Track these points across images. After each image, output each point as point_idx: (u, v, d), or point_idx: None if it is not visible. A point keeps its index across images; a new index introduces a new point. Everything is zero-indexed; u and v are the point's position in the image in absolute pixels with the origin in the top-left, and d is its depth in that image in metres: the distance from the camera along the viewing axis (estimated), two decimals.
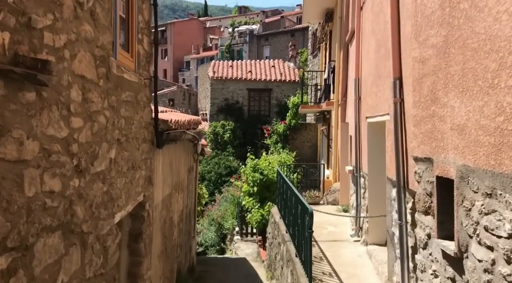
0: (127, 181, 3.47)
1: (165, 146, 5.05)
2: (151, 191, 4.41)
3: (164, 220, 5.26)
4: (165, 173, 5.21)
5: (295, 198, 6.29)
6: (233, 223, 15.41)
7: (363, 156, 6.76)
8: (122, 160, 3.28)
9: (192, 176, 8.38)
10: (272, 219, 9.30)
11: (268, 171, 12.53)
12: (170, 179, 5.67)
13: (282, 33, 46.72)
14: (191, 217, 8.49)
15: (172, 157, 5.80)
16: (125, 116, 3.33)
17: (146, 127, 4.19)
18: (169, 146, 5.48)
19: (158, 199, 4.81)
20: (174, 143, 5.60)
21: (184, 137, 4.73)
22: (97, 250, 2.62)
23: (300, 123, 18.23)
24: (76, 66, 2.25)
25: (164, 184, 5.19)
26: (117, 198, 3.11)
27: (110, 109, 2.94)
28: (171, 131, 4.51)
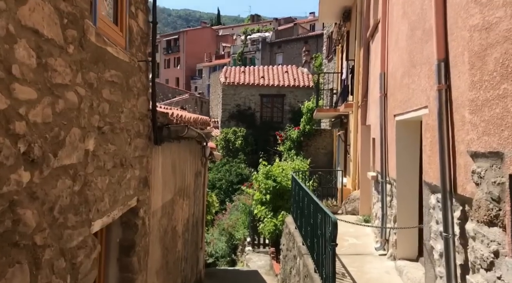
0: (113, 181, 2.82)
1: (166, 143, 4.41)
2: (148, 195, 3.76)
3: (164, 229, 4.60)
4: (166, 175, 4.56)
5: (314, 206, 5.58)
6: (244, 233, 14.69)
7: (390, 160, 6.03)
8: (105, 154, 2.64)
9: (200, 181, 7.72)
10: (286, 229, 8.58)
11: (282, 178, 11.82)
12: (173, 182, 5.02)
13: (295, 41, 46.21)
14: (199, 226, 7.81)
15: (176, 158, 5.15)
16: (110, 101, 2.70)
17: (141, 120, 3.55)
18: (172, 145, 4.84)
19: (156, 205, 4.16)
20: (178, 141, 4.96)
21: (187, 133, 4.08)
22: (61, 269, 1.97)
23: (314, 129, 17.51)
24: (25, 14, 1.62)
25: (165, 188, 4.53)
26: (96, 201, 2.46)
27: (87, 87, 2.31)
28: (172, 126, 3.87)
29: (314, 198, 5.47)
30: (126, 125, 3.12)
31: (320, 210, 4.91)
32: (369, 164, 8.32)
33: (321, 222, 4.97)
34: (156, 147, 4.04)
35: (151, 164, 3.88)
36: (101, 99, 2.54)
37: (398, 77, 5.33)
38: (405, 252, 5.55)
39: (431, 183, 3.94)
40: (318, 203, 5.08)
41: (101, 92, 2.53)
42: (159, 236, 4.29)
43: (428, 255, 4.16)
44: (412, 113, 4.67)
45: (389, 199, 6.20)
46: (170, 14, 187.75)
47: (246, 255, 13.70)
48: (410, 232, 5.45)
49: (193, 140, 6.59)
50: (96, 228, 2.46)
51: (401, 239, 5.56)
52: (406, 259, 5.50)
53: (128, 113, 3.15)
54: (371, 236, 7.41)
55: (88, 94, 2.32)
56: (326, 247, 4.76)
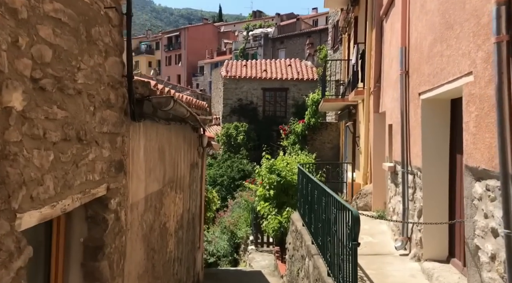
0: (64, 160, 2.06)
1: (150, 123, 3.65)
2: (123, 183, 3.00)
3: (150, 226, 3.84)
4: (151, 161, 3.80)
5: (327, 200, 4.81)
6: (247, 231, 13.94)
7: (413, 146, 5.25)
8: (47, 120, 1.88)
9: (197, 174, 6.95)
10: (292, 227, 7.81)
11: (286, 172, 11.05)
12: (161, 171, 4.26)
13: (298, 36, 45.38)
14: (196, 223, 7.05)
15: (165, 143, 4.39)
16: (54, 45, 1.93)
17: (112, 87, 2.78)
18: (159, 127, 4.08)
19: (137, 196, 3.40)
20: (166, 123, 4.20)
21: (174, 108, 3.31)
22: None
23: (320, 123, 16.71)
24: None
25: (150, 176, 3.77)
26: (27, 184, 1.70)
27: (7, 13, 1.54)
28: (154, 97, 3.10)
29: (327, 190, 4.69)
30: (87, 88, 2.36)
31: (336, 203, 4.14)
32: (384, 154, 7.54)
33: (337, 218, 4.20)
34: (136, 124, 3.27)
35: (128, 145, 3.12)
36: (37, 38, 1.77)
37: (425, 48, 4.54)
38: (433, 252, 4.77)
39: (477, 167, 3.16)
40: (333, 195, 4.30)
41: (36, 28, 1.76)
42: (141, 234, 3.53)
43: (472, 256, 3.38)
44: (446, 86, 3.88)
45: (411, 191, 5.42)
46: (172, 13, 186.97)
47: (249, 254, 12.97)
48: (439, 228, 4.68)
49: (187, 126, 5.84)
50: (29, 223, 1.70)
51: (428, 237, 4.78)
52: (434, 260, 4.72)
53: (89, 74, 2.39)
54: (387, 234, 6.63)
55: (8, 25, 1.55)
56: (343, 246, 3.99)
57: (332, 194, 4.38)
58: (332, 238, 4.53)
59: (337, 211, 4.13)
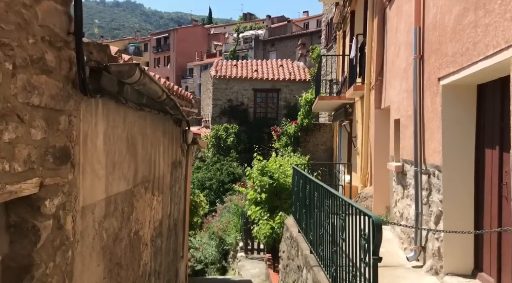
0: None
1: (114, 104, 2.89)
2: (69, 179, 2.23)
3: (114, 235, 3.06)
4: (115, 153, 3.02)
5: (331, 203, 4.07)
6: (236, 237, 13.16)
7: (429, 142, 4.55)
8: None
9: (180, 174, 6.16)
10: (286, 233, 7.06)
11: (279, 174, 10.31)
12: (132, 167, 3.48)
13: (289, 38, 44.95)
14: (179, 230, 6.24)
15: (137, 134, 3.62)
16: None
17: (51, 45, 2.02)
18: (128, 112, 3.32)
19: (94, 197, 2.62)
20: (139, 108, 3.43)
21: (142, 82, 2.54)
22: None
23: (313, 124, 16.02)
24: None
25: (114, 172, 2.99)
26: None
27: None
28: (113, 65, 2.33)
29: (333, 192, 3.95)
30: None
31: (346, 207, 3.39)
32: (388, 153, 6.85)
33: (346, 224, 3.46)
34: (91, 103, 2.50)
35: (79, 128, 2.34)
36: None
37: (449, 23, 3.84)
38: (456, 264, 4.06)
39: None
40: (343, 197, 3.56)
41: None
42: (100, 246, 2.74)
43: None
44: (480, 63, 3.18)
45: (425, 194, 4.71)
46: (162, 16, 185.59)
47: (238, 261, 12.18)
48: (463, 237, 3.97)
49: (168, 118, 5.07)
50: None
51: (450, 246, 4.07)
52: (458, 275, 4.01)
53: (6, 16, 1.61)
54: (394, 242, 5.91)
55: None
56: (353, 260, 3.25)
57: (340, 196, 3.64)
58: (338, 248, 3.79)
59: (347, 216, 3.39)
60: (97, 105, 2.61)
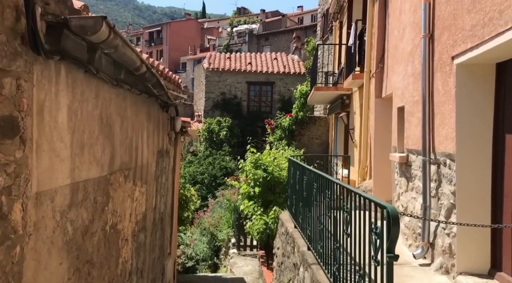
0: None
1: (78, 69, 2.44)
2: (17, 157, 1.78)
3: (84, 228, 2.62)
4: (84, 132, 2.57)
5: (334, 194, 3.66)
6: (228, 233, 12.74)
7: (439, 128, 4.15)
8: None
9: (168, 165, 5.71)
10: (282, 229, 6.65)
11: (274, 168, 9.89)
12: (107, 151, 3.03)
13: (283, 33, 44.49)
14: (165, 225, 5.80)
15: (114, 113, 3.17)
16: None
17: None
18: (104, 87, 2.88)
19: (54, 182, 2.17)
20: (116, 84, 2.99)
21: (110, 41, 2.08)
22: None
23: (308, 117, 15.61)
24: None
25: (83, 154, 2.54)
26: None
27: None
28: (74, 17, 1.88)
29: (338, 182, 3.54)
30: None
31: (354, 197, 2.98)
32: (389, 144, 6.46)
33: (350, 217, 3.05)
34: (50, 66, 2.05)
35: (31, 96, 1.89)
36: None
37: None
38: (470, 263, 3.67)
39: None
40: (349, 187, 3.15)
41: None
42: (63, 240, 2.30)
43: None
44: (508, 33, 2.77)
45: (434, 185, 4.32)
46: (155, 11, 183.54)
47: (230, 258, 11.77)
48: (477, 233, 3.58)
49: (153, 101, 4.62)
50: None
51: (463, 243, 3.68)
52: (472, 274, 3.62)
53: None
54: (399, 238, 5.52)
55: None
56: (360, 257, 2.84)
57: (346, 186, 3.22)
58: (341, 244, 3.38)
59: (354, 209, 2.97)
60: (58, 71, 2.16)
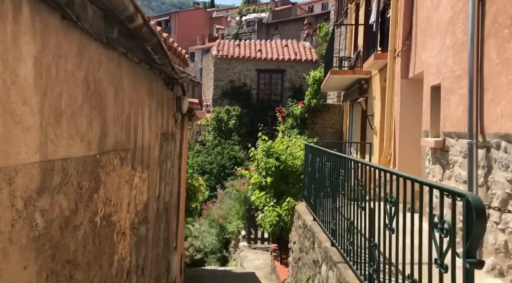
0: None
1: (43, 5, 1.85)
2: None
3: (62, 221, 2.05)
4: (61, 95, 1.99)
5: (372, 181, 3.07)
6: (238, 225, 12.21)
7: (492, 104, 3.51)
8: None
9: (173, 149, 5.14)
10: (298, 222, 6.07)
11: (287, 156, 9.29)
12: (96, 125, 2.46)
13: (294, 21, 43.58)
14: (171, 216, 5.24)
15: (105, 81, 2.59)
16: None
17: None
18: (91, 46, 2.31)
19: (14, 158, 1.57)
20: (104, 39, 2.40)
21: None
22: None
23: (321, 105, 14.93)
24: None
25: (59, 125, 1.96)
26: None
27: None
28: None
29: (380, 167, 2.95)
30: None
31: (407, 184, 2.38)
32: (419, 129, 5.82)
33: (396, 209, 2.46)
34: None
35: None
36: None
37: None
38: None
39: None
40: (401, 173, 2.55)
41: None
42: (29, 237, 1.74)
43: None
44: None
45: (481, 173, 3.70)
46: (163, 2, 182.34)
47: (240, 251, 11.26)
48: None
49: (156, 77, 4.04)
50: None
51: None
52: None
53: None
54: None
55: None
56: (415, 259, 2.25)
57: (398, 172, 2.62)
58: (380, 242, 2.79)
59: (392, 199, 2.37)
60: (18, 7, 1.56)
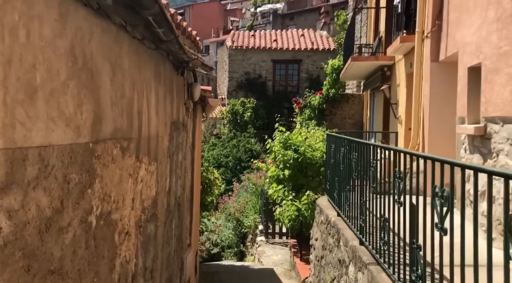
0: None
1: None
2: None
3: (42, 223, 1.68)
4: (35, 66, 1.58)
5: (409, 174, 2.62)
6: (255, 219, 11.84)
7: None
8: None
9: (185, 140, 4.75)
10: (321, 217, 5.63)
11: (305, 148, 8.86)
12: (88, 108, 2.08)
13: (309, 11, 42.73)
14: (184, 211, 4.87)
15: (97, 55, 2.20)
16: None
17: None
18: (78, 14, 1.89)
19: None
20: (96, 6, 1.99)
21: None
22: None
23: (340, 94, 14.38)
24: None
25: (34, 103, 1.58)
26: None
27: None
28: None
29: (434, 157, 2.48)
30: None
31: None
32: (451, 116, 5.31)
33: (450, 207, 2.02)
34: None
35: None
36: None
37: None
38: None
39: None
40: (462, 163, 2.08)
41: None
42: None
43: None
44: None
45: None
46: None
47: (257, 246, 10.89)
48: None
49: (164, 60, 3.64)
50: None
51: None
52: None
53: None
54: (469, 229, 4.43)
55: None
56: None
57: (459, 162, 2.16)
58: (425, 243, 2.35)
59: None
60: None
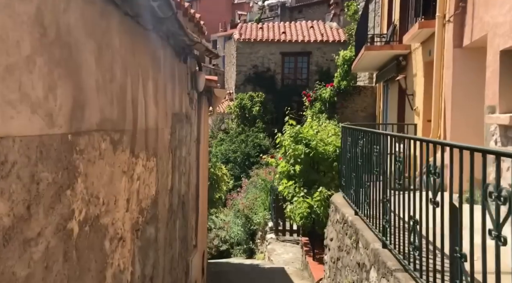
0: None
1: None
2: None
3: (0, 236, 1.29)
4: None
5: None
6: (264, 216, 11.49)
7: None
8: None
9: (189, 134, 4.38)
10: (336, 216, 5.24)
11: (317, 142, 8.46)
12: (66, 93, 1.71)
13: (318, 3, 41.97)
14: (189, 211, 4.51)
15: (77, 28, 1.82)
16: None
17: None
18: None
19: None
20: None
21: None
22: None
23: (352, 87, 13.91)
24: None
25: None
26: None
27: None
28: None
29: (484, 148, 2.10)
30: None
31: None
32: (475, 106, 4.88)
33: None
34: None
35: None
36: None
37: None
38: None
39: None
40: None
41: None
42: None
43: None
44: None
45: None
46: None
47: (267, 244, 10.55)
48: None
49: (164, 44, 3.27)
50: None
51: None
52: None
53: None
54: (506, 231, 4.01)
55: None
56: None
57: None
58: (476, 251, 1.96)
59: None
60: None
